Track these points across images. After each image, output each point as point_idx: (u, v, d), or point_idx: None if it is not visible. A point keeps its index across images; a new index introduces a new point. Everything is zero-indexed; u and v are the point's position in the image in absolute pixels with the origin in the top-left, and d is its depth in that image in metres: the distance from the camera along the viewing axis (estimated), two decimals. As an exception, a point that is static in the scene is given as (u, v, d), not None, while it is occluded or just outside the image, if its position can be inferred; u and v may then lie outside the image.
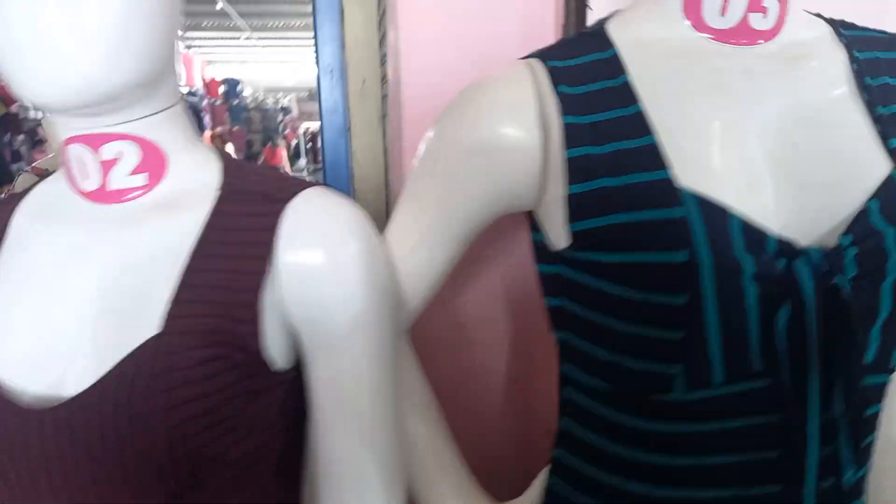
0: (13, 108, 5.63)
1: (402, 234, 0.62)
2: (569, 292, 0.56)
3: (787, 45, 0.56)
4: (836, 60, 0.56)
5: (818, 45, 0.57)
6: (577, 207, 0.52)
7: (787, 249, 0.49)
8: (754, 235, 0.48)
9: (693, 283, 0.48)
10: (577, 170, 0.52)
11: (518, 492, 0.70)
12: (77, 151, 0.55)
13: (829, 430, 0.50)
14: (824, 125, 0.53)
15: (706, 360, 0.50)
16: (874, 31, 0.60)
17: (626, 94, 0.53)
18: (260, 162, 7.11)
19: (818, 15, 0.61)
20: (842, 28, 0.59)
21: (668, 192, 0.49)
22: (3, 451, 0.50)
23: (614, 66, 0.55)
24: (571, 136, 0.53)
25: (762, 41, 0.56)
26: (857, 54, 0.56)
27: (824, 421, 0.50)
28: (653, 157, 0.51)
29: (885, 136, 0.53)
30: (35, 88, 0.48)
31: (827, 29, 0.59)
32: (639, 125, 0.52)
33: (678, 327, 0.49)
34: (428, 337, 0.81)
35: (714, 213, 0.49)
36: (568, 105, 0.54)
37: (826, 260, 0.48)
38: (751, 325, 0.49)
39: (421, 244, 0.62)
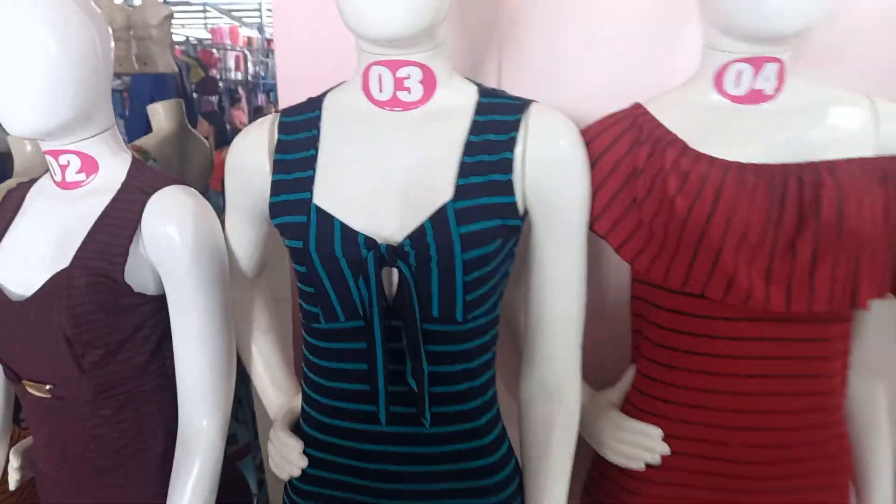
0: (212, 72, 6.64)
1: (226, 219, 0.96)
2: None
3: (431, 111, 0.83)
4: (462, 122, 0.82)
5: (457, 110, 0.83)
6: (273, 210, 0.84)
7: (370, 244, 0.77)
8: (349, 234, 0.78)
9: (308, 260, 0.80)
10: (274, 188, 0.84)
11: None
12: (50, 160, 0.96)
13: (394, 355, 0.80)
14: (431, 168, 0.80)
15: (331, 305, 0.81)
16: (509, 97, 0.85)
17: (312, 142, 0.84)
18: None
19: (479, 85, 0.86)
20: (483, 96, 0.84)
21: (305, 206, 0.80)
22: None
23: (314, 122, 0.85)
24: (275, 167, 0.84)
25: (411, 109, 0.83)
26: (476, 118, 0.81)
27: (388, 349, 0.80)
28: (308, 184, 0.81)
29: (459, 177, 0.78)
30: (9, 127, 0.88)
31: (475, 98, 0.84)
32: (310, 163, 0.83)
33: (310, 285, 0.83)
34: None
35: (325, 220, 0.79)
36: (280, 147, 0.85)
37: (391, 251, 0.76)
38: (349, 287, 0.79)
39: (233, 228, 0.97)
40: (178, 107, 1.89)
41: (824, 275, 0.81)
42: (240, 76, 8.02)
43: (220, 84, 6.94)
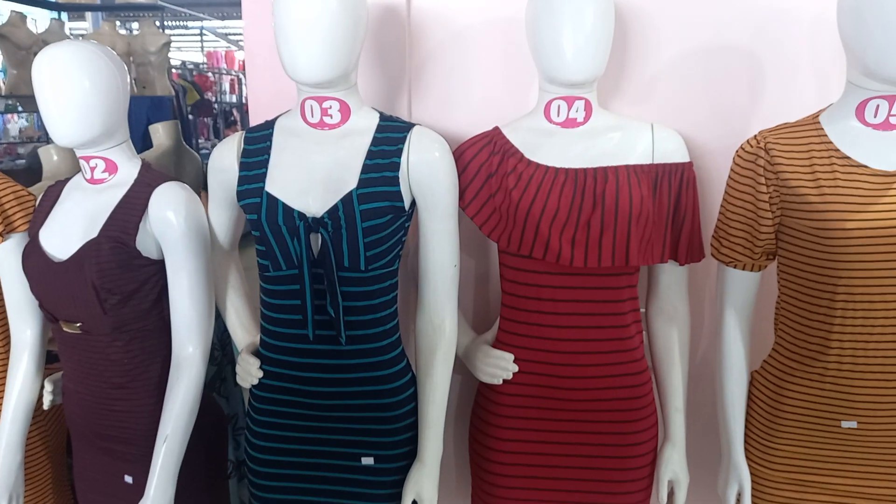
0: (207, 95, 7.04)
1: (208, 206, 1.35)
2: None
3: (346, 130, 1.25)
4: (366, 138, 1.23)
5: (363, 130, 1.24)
6: (238, 195, 1.25)
7: (301, 217, 1.17)
8: (288, 210, 1.18)
9: (261, 227, 1.20)
10: (240, 180, 1.25)
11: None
12: (83, 163, 1.35)
13: (318, 293, 1.19)
14: (344, 168, 1.21)
15: (276, 258, 1.21)
16: (400, 122, 1.26)
17: (266, 150, 1.25)
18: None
19: (381, 112, 1.28)
20: (383, 120, 1.25)
21: (259, 191, 1.21)
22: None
23: (268, 137, 1.27)
24: (241, 166, 1.26)
25: (332, 129, 1.25)
26: (377, 135, 1.23)
27: (314, 289, 1.18)
28: (262, 177, 1.22)
29: (362, 173, 1.18)
30: (56, 139, 1.27)
31: (376, 122, 1.25)
32: (264, 163, 1.24)
33: (262, 244, 1.23)
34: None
35: (273, 202, 1.19)
36: (244, 153, 1.27)
37: (315, 221, 1.16)
38: (288, 246, 1.19)
39: (213, 212, 1.36)
40: (175, 127, 2.29)
41: (608, 242, 1.21)
42: (234, 99, 8.37)
43: (216, 106, 7.34)
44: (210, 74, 7.59)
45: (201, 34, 9.88)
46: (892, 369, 1.13)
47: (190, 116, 6.06)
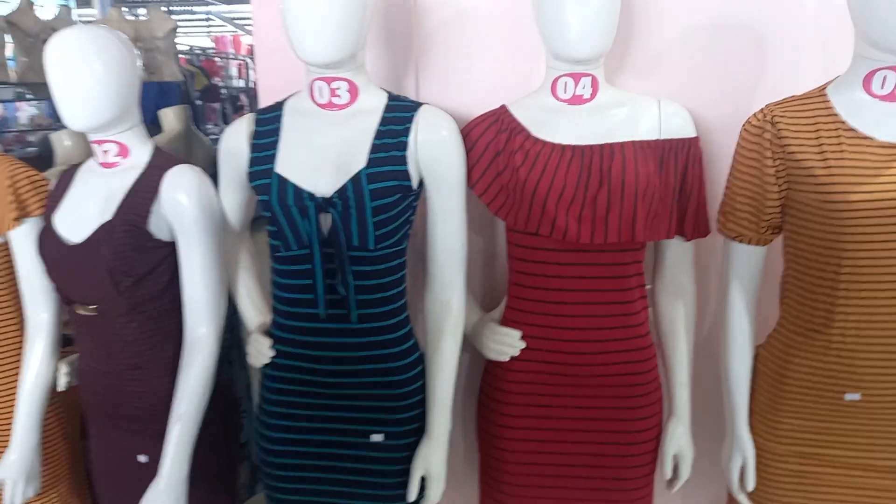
0: (215, 80, 7.04)
1: (220, 188, 1.36)
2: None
3: (354, 110, 1.25)
4: (375, 117, 1.24)
5: (372, 110, 1.25)
6: (250, 176, 1.26)
7: (312, 197, 1.19)
8: (298, 191, 1.20)
9: (271, 208, 1.21)
10: (251, 162, 1.26)
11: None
12: (95, 147, 1.36)
13: (329, 272, 1.21)
14: (353, 147, 1.22)
15: (287, 238, 1.22)
16: (409, 101, 1.26)
17: (276, 131, 1.26)
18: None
19: (389, 92, 1.28)
20: (391, 100, 1.26)
21: (269, 173, 1.22)
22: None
23: (277, 118, 1.28)
24: (252, 148, 1.27)
25: (341, 109, 1.26)
26: (385, 115, 1.23)
27: (325, 268, 1.20)
28: (272, 158, 1.24)
29: (371, 153, 1.19)
30: (69, 123, 1.29)
31: (385, 101, 1.26)
32: (274, 144, 1.25)
33: (273, 225, 1.24)
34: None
35: (283, 183, 1.20)
36: (255, 135, 1.28)
37: (324, 201, 1.18)
38: (298, 226, 1.20)
39: (224, 194, 1.37)
40: (184, 111, 2.30)
41: (614, 218, 1.22)
42: (242, 84, 8.36)
43: (224, 91, 7.34)
44: (218, 59, 7.59)
45: (208, 19, 9.86)
46: (895, 342, 1.13)
47: (198, 101, 6.07)
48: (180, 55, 6.52)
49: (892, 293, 1.11)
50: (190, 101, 5.40)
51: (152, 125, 2.37)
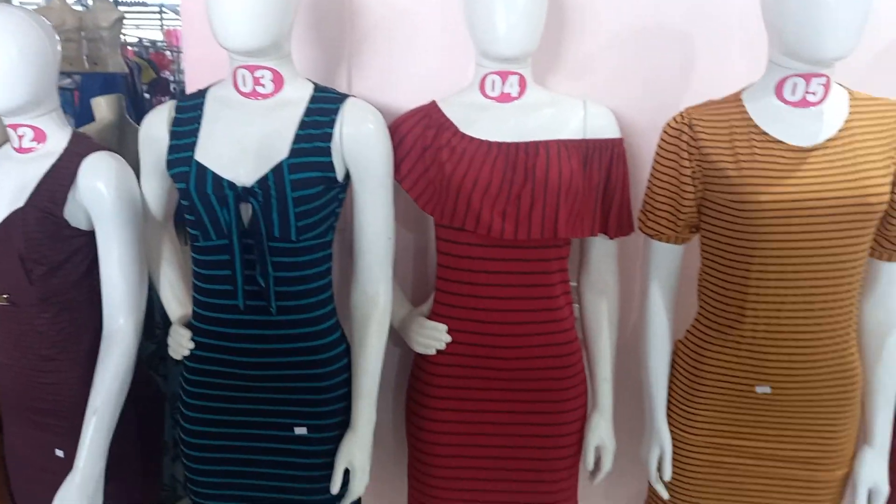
0: (163, 73, 6.87)
1: (141, 176, 1.33)
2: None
3: (279, 100, 1.24)
4: (299, 108, 1.22)
5: (297, 100, 1.24)
6: (168, 164, 1.23)
7: (231, 186, 1.17)
8: (217, 179, 1.18)
9: (189, 197, 1.19)
10: (170, 149, 1.24)
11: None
12: (10, 132, 1.31)
13: (249, 263, 1.19)
14: (276, 138, 1.20)
15: (206, 228, 1.20)
16: (335, 93, 1.26)
17: (197, 119, 1.24)
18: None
19: (316, 84, 1.27)
20: (317, 91, 1.25)
21: (188, 160, 1.20)
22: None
23: (199, 106, 1.25)
24: (171, 135, 1.24)
25: (265, 98, 1.24)
26: (310, 105, 1.22)
27: (244, 259, 1.18)
28: (192, 146, 1.21)
29: (294, 143, 1.19)
30: None
31: (310, 92, 1.24)
32: (195, 132, 1.22)
33: (192, 214, 1.22)
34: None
35: (202, 171, 1.18)
36: (175, 122, 1.25)
37: (244, 191, 1.16)
38: (217, 216, 1.18)
39: (145, 182, 1.34)
40: (118, 101, 2.24)
41: (537, 215, 1.23)
42: (193, 78, 8.13)
43: (174, 86, 7.17)
44: (168, 52, 7.41)
45: (161, 12, 9.63)
46: (803, 336, 1.18)
47: (147, 95, 5.91)
48: (129, 47, 6.34)
49: (798, 290, 1.16)
50: (137, 93, 5.26)
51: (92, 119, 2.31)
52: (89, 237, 1.31)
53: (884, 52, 1.40)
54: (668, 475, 1.32)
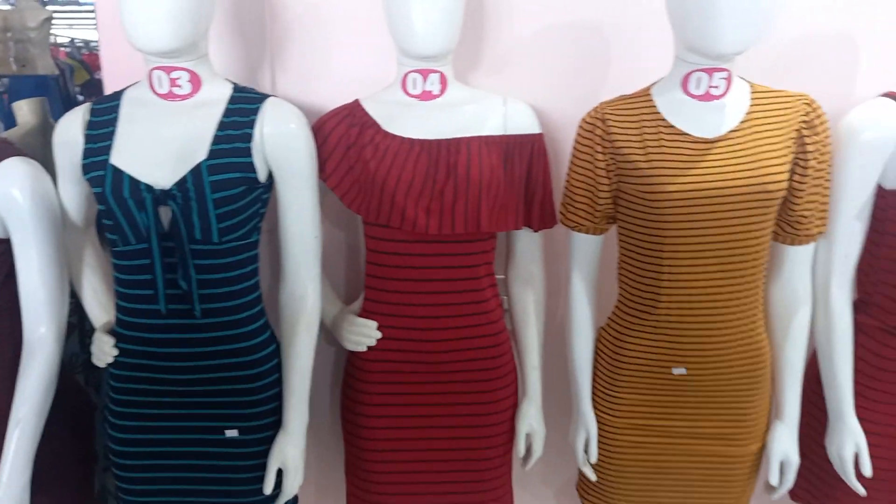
0: (97, 75, 6.70)
1: (58, 182, 1.30)
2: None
3: (197, 101, 1.23)
4: (218, 109, 1.22)
5: (215, 101, 1.23)
6: (84, 168, 1.21)
7: (149, 189, 1.16)
8: (135, 183, 1.16)
9: (106, 201, 1.17)
10: (85, 153, 1.22)
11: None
12: None
13: (170, 267, 1.18)
14: (194, 139, 1.20)
15: (125, 233, 1.19)
16: (254, 93, 1.25)
17: (113, 122, 1.22)
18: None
19: (235, 84, 1.26)
20: (237, 91, 1.25)
21: (104, 164, 1.18)
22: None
23: (115, 108, 1.24)
24: (87, 138, 1.22)
25: (182, 100, 1.23)
26: (229, 106, 1.22)
27: (165, 262, 1.17)
28: (107, 150, 1.19)
29: (213, 144, 1.18)
30: None
31: (230, 93, 1.24)
32: (110, 136, 1.21)
33: (110, 219, 1.20)
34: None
35: (118, 174, 1.17)
36: (90, 125, 1.23)
37: (162, 194, 1.15)
38: (136, 220, 1.17)
39: (63, 188, 1.30)
40: (40, 104, 2.17)
41: (460, 210, 1.26)
42: (131, 79, 7.89)
43: (110, 87, 6.93)
44: (102, 53, 7.14)
45: (94, 11, 9.30)
46: (713, 320, 1.24)
47: (80, 97, 5.72)
48: (61, 48, 6.11)
49: (707, 275, 1.22)
50: (69, 95, 5.09)
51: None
52: (6, 246, 1.28)
53: (790, 45, 1.48)
54: (594, 457, 1.37)
